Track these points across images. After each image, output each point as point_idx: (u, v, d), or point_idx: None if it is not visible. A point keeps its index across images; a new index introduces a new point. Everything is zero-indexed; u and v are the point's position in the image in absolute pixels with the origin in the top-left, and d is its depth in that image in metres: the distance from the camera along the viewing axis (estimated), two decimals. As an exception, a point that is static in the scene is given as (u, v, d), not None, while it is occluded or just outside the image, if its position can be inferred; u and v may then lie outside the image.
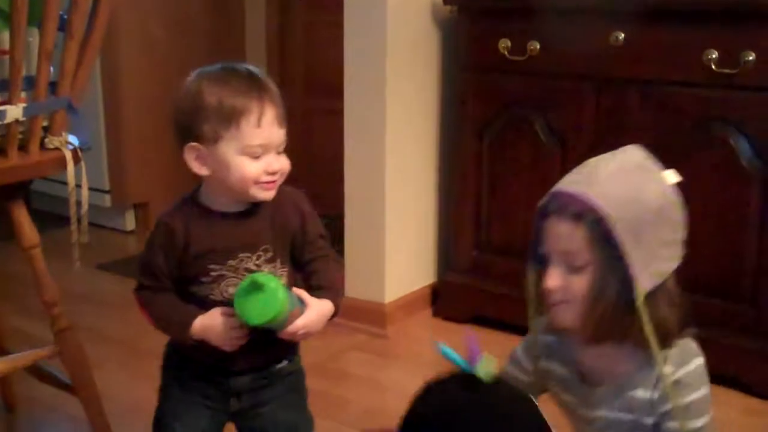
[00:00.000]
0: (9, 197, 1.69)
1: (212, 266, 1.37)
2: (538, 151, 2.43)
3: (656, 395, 1.24)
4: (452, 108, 2.66)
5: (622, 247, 1.17)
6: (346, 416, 2.15)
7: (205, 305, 1.38)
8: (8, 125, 1.57)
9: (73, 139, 1.73)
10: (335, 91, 3.10)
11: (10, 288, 2.21)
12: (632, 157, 1.26)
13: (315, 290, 1.40)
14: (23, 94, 1.60)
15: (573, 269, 1.22)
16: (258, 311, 1.31)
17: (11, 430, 2.08)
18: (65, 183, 1.69)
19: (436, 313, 2.73)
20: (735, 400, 2.14)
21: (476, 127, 2.53)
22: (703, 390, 1.24)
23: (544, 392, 1.43)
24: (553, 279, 1.23)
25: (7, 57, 1.56)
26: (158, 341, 1.49)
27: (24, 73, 1.57)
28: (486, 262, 2.60)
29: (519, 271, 2.46)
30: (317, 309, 1.37)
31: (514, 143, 2.48)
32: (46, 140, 1.67)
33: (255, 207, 1.39)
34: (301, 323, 1.35)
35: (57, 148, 1.68)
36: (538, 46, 2.36)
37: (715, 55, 2.10)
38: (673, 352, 1.24)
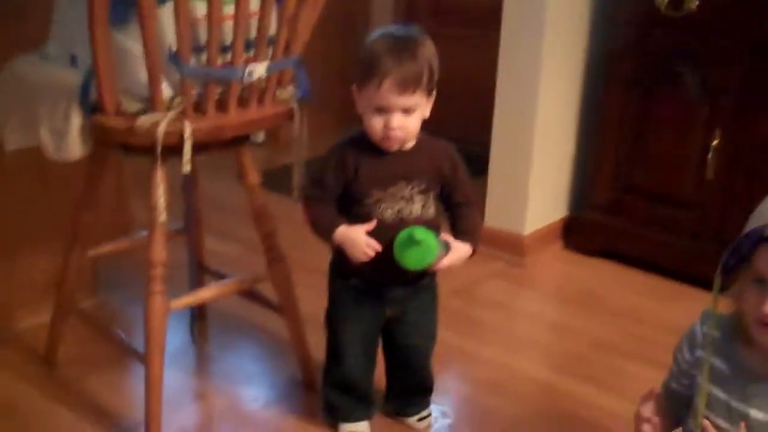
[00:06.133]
0: (239, 143, 1.89)
1: (374, 191, 1.67)
2: (687, 105, 2.56)
3: None
4: (602, 57, 2.77)
5: None
6: (483, 335, 2.39)
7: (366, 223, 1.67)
8: (251, 82, 1.75)
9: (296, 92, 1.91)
10: (462, 18, 3.23)
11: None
12: None
13: (459, 233, 1.71)
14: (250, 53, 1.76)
15: None
16: (415, 260, 1.63)
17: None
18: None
19: (567, 246, 2.92)
20: None
21: (626, 77, 2.66)
22: None
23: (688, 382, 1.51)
24: None
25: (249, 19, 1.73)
26: (319, 259, 1.84)
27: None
28: (621, 201, 2.77)
29: (654, 212, 2.67)
30: (459, 252, 1.69)
31: (662, 95, 2.61)
32: (277, 93, 1.85)
33: (413, 148, 1.68)
34: (445, 263, 1.67)
35: (285, 101, 1.86)
36: (696, 3, 2.46)
37: None
38: None
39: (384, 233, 1.65)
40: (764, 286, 1.30)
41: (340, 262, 1.74)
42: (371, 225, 1.65)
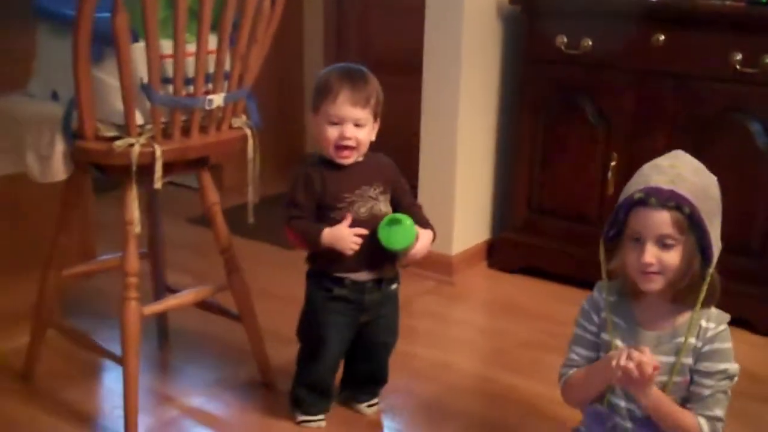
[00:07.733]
0: (199, 165, 2.15)
1: (345, 194, 1.96)
2: (587, 131, 2.92)
3: (699, 343, 1.64)
4: (513, 92, 3.14)
5: (707, 229, 1.57)
6: (420, 339, 2.68)
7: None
8: (210, 110, 2.03)
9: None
10: (388, 66, 3.54)
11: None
12: (692, 160, 1.65)
13: (419, 224, 2.00)
14: (209, 85, 2.04)
15: (665, 247, 1.57)
16: (398, 239, 1.93)
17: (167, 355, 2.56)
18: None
19: (491, 265, 3.23)
20: (743, 336, 2.66)
21: (533, 109, 3.02)
22: (730, 344, 1.66)
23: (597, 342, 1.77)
24: (651, 255, 1.57)
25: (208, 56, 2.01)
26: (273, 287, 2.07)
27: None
28: (535, 221, 3.10)
29: (564, 229, 3.00)
30: (427, 237, 2.01)
31: (565, 124, 2.97)
32: (232, 121, 2.13)
33: (363, 161, 1.99)
34: (419, 247, 1.96)
35: (239, 127, 2.14)
36: (590, 43, 2.84)
37: (739, 56, 2.59)
38: (713, 312, 1.67)
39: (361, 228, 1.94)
40: (640, 243, 1.59)
41: (323, 274, 2.02)
42: (348, 220, 1.93)
